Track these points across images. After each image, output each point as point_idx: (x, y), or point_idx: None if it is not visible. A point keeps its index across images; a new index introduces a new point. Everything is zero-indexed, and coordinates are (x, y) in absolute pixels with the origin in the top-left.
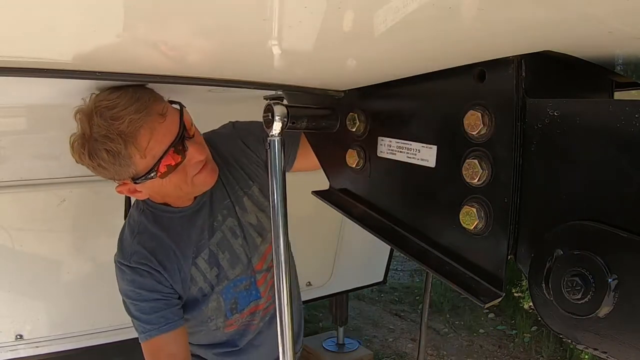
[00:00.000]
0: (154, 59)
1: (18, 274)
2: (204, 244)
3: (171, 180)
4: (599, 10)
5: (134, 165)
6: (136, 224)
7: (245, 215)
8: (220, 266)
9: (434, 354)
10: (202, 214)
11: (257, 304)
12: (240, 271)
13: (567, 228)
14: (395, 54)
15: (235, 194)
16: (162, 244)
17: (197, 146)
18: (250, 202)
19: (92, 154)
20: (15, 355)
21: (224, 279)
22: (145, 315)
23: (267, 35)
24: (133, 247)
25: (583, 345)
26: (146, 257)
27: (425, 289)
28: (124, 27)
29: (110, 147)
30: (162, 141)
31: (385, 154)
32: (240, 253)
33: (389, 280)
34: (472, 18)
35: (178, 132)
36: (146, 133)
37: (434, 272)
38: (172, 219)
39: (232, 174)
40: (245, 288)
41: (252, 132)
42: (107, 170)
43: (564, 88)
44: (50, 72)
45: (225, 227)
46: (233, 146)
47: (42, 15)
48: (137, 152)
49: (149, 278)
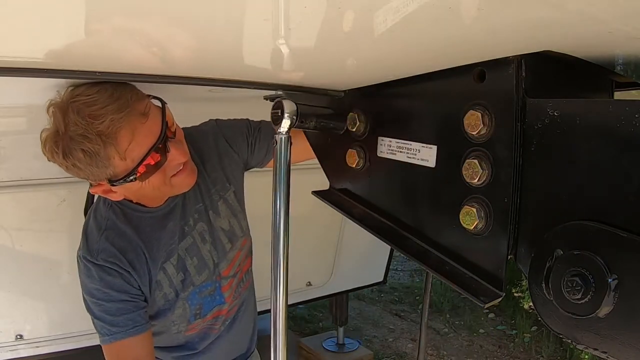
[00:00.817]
0: (155, 60)
1: (18, 274)
2: (174, 249)
3: (150, 182)
4: (599, 10)
5: (112, 167)
6: (104, 219)
7: (217, 220)
8: (187, 271)
9: (434, 354)
10: (173, 217)
11: (220, 309)
12: (206, 277)
13: (567, 228)
14: (395, 54)
15: (210, 197)
16: (132, 244)
17: (178, 147)
18: (225, 207)
19: (67, 153)
20: (15, 355)
21: (190, 285)
22: (110, 316)
23: (267, 35)
24: (100, 243)
25: (583, 345)
26: (115, 255)
27: (425, 289)
28: (122, 27)
29: (87, 148)
30: (144, 143)
31: (385, 154)
32: (208, 259)
33: (389, 280)
34: (472, 18)
35: (160, 133)
36: (127, 134)
37: (434, 272)
38: (141, 219)
39: (210, 175)
40: (210, 293)
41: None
42: (82, 171)
43: (564, 88)
44: (51, 72)
45: (196, 232)
46: (214, 143)
47: (41, 15)
48: (116, 153)
49: (118, 278)
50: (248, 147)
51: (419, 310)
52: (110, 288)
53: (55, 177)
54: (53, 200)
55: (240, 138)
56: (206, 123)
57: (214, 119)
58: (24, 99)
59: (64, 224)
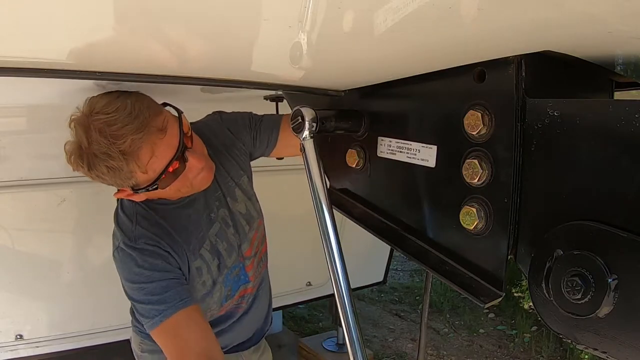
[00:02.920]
0: (154, 60)
1: (18, 274)
2: (204, 236)
3: (172, 187)
4: (599, 10)
5: (134, 178)
6: (133, 213)
7: (235, 204)
8: (221, 256)
9: (434, 354)
10: (197, 206)
11: (245, 288)
12: (234, 259)
13: (567, 228)
14: (395, 54)
15: (227, 184)
16: (165, 230)
17: (196, 155)
18: (240, 192)
19: (91, 166)
20: (15, 355)
21: (224, 268)
22: (157, 296)
23: (267, 35)
24: (137, 230)
25: (583, 345)
26: (153, 238)
27: (425, 289)
28: (124, 27)
29: (111, 165)
30: (164, 156)
31: (385, 154)
32: (233, 241)
33: (389, 280)
34: (472, 18)
35: (178, 145)
36: (147, 151)
37: (434, 272)
38: (166, 211)
39: (224, 165)
40: (237, 274)
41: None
42: (106, 181)
43: (564, 88)
44: (50, 72)
45: (220, 218)
46: (223, 137)
47: (40, 16)
48: (138, 168)
49: (159, 259)
50: (251, 139)
51: (419, 310)
52: (152, 269)
53: (55, 177)
54: (53, 200)
55: (244, 131)
56: (212, 117)
57: (218, 112)
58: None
59: (64, 224)
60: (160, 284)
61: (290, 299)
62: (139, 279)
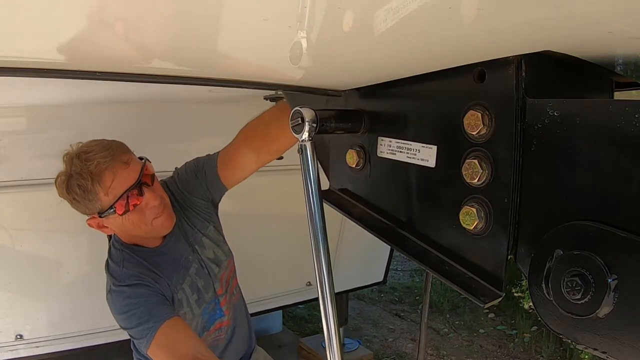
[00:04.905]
0: (155, 60)
1: (18, 274)
2: (185, 274)
3: (129, 219)
4: (599, 10)
5: (99, 200)
6: (120, 259)
7: (204, 251)
8: (200, 291)
9: (434, 354)
10: (175, 251)
11: (221, 321)
12: (211, 295)
13: (567, 228)
14: (395, 54)
15: (194, 236)
16: (150, 271)
17: (153, 193)
18: (208, 240)
19: (69, 188)
20: (15, 355)
21: (202, 303)
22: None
23: (267, 35)
24: (124, 272)
25: (583, 345)
26: (139, 276)
27: (425, 289)
28: (124, 27)
29: (81, 183)
30: (123, 183)
31: (385, 154)
32: (207, 281)
33: (389, 280)
34: (472, 18)
35: (137, 179)
36: (110, 174)
37: (434, 272)
38: (147, 256)
39: (190, 219)
40: (212, 309)
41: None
42: (80, 204)
43: (564, 88)
44: (51, 72)
45: (195, 260)
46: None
47: (40, 16)
48: (101, 189)
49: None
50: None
51: (419, 310)
52: (138, 297)
53: (55, 177)
54: (53, 200)
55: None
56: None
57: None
58: (24, 99)
59: (64, 224)
60: (147, 306)
61: (290, 299)
62: (128, 308)
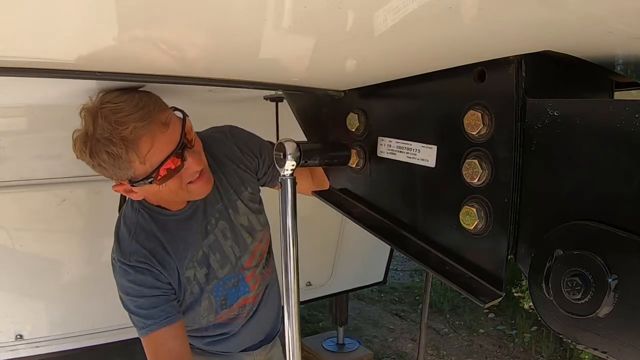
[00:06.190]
0: (154, 59)
1: (18, 274)
2: (198, 247)
3: (167, 186)
4: (599, 10)
5: (132, 169)
6: (133, 224)
7: (237, 217)
8: (210, 266)
9: (434, 354)
10: (196, 218)
11: (246, 298)
12: (229, 270)
13: (567, 228)
14: (395, 54)
15: (229, 197)
16: (160, 245)
17: (195, 156)
18: (243, 205)
19: (93, 153)
20: (15, 355)
21: (214, 279)
22: (145, 310)
23: (267, 35)
24: (132, 246)
25: (583, 345)
26: (146, 256)
27: (425, 289)
28: (124, 27)
29: (111, 150)
30: (163, 150)
31: (385, 154)
32: (230, 254)
33: (389, 280)
34: (472, 18)
35: (178, 142)
36: (147, 141)
37: (434, 272)
38: (166, 222)
39: (227, 178)
40: (234, 285)
41: (248, 143)
42: (106, 170)
43: (564, 88)
44: (51, 72)
45: (218, 230)
46: (229, 151)
47: (42, 15)
48: (137, 158)
49: (149, 276)
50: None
51: (419, 310)
52: (142, 285)
53: (55, 177)
54: (53, 200)
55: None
56: (220, 129)
57: (228, 126)
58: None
59: (64, 224)
60: (149, 300)
61: None
62: (131, 292)
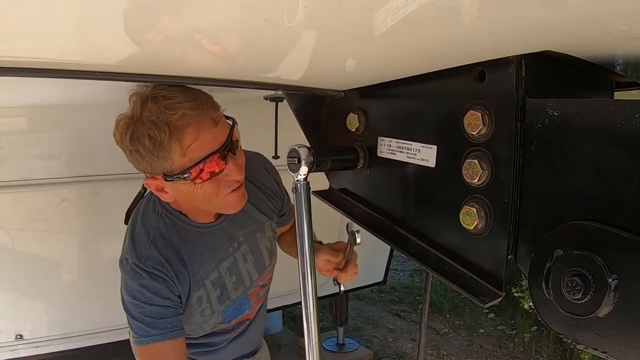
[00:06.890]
0: (154, 60)
1: (18, 274)
2: (214, 267)
3: (202, 189)
4: (599, 10)
5: (171, 160)
6: (152, 228)
7: (263, 240)
8: (225, 288)
9: (434, 354)
10: (220, 236)
11: (246, 315)
12: (241, 292)
13: (567, 228)
14: (395, 54)
15: (259, 220)
16: (177, 255)
17: (237, 165)
18: (270, 229)
19: (134, 137)
20: (15, 355)
21: (226, 300)
22: (151, 319)
23: (267, 35)
24: (150, 251)
25: (583, 345)
26: (163, 264)
27: (425, 289)
28: (123, 27)
29: (154, 134)
30: (206, 146)
31: (385, 154)
32: (245, 276)
33: (389, 280)
34: (472, 18)
35: (224, 143)
36: (193, 132)
37: (434, 272)
38: (188, 232)
39: (260, 202)
40: (238, 305)
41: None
42: (143, 158)
43: (564, 88)
44: (51, 72)
45: (239, 253)
46: (267, 182)
47: (40, 15)
48: (179, 148)
49: (164, 285)
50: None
51: (419, 310)
52: (154, 293)
53: (55, 177)
54: (53, 200)
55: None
56: (257, 159)
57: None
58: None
59: (64, 224)
60: (158, 309)
61: (290, 299)
62: (139, 297)
